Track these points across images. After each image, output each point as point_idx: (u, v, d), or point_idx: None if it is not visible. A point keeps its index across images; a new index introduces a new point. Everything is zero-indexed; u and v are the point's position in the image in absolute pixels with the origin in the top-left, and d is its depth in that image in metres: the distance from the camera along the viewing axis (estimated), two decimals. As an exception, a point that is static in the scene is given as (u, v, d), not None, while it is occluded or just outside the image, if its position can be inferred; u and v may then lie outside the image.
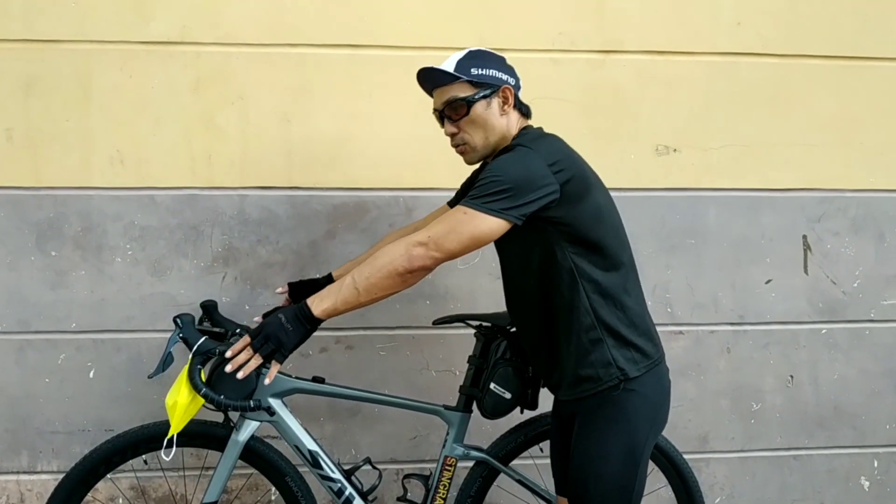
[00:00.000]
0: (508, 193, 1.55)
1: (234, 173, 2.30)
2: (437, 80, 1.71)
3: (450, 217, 1.58)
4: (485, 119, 1.69)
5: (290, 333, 1.59)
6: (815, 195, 2.49)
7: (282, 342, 1.59)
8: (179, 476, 2.34)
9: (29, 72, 2.23)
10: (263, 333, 1.60)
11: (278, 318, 1.60)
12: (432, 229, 1.58)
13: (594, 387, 1.65)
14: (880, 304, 2.54)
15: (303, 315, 1.59)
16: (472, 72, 1.69)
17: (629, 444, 1.66)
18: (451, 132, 1.73)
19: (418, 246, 1.56)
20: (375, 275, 1.57)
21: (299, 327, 1.60)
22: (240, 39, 2.27)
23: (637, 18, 2.38)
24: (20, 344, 2.28)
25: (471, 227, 1.56)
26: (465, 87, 1.69)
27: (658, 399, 1.71)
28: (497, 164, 1.61)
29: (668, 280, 2.46)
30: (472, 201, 1.57)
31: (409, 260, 1.56)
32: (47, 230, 2.26)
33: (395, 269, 1.56)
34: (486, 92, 1.69)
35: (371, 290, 1.58)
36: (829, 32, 2.44)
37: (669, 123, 2.42)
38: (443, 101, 1.71)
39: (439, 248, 1.56)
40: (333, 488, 1.98)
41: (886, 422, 2.58)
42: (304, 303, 1.60)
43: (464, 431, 2.02)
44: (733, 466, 2.54)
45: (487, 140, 1.71)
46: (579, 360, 1.66)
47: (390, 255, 1.57)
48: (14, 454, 2.31)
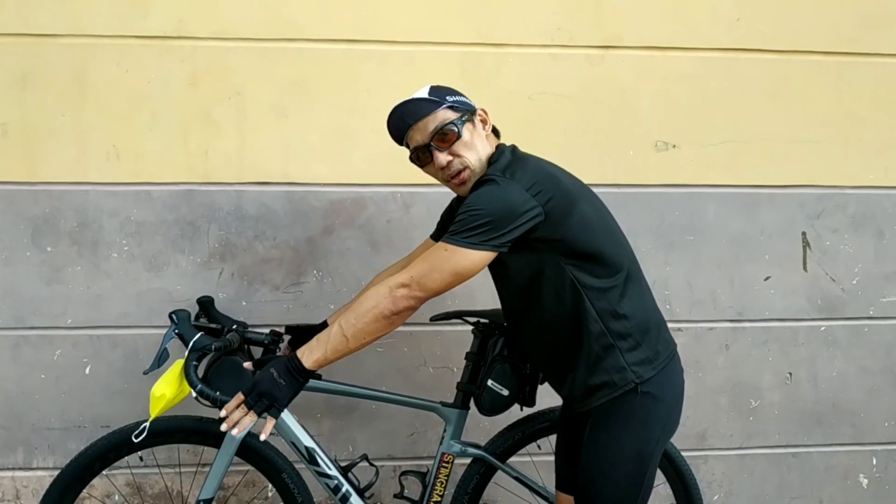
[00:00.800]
0: (489, 226, 1.55)
1: (230, 169, 2.29)
2: (419, 111, 1.68)
3: (431, 255, 1.59)
4: (473, 141, 1.68)
5: (283, 388, 1.59)
6: (814, 192, 2.48)
7: (276, 398, 1.58)
8: (175, 473, 2.33)
9: (24, 66, 2.21)
10: (257, 391, 1.58)
11: (270, 373, 1.59)
12: (414, 269, 1.59)
13: (610, 393, 1.65)
14: (879, 301, 2.54)
15: (294, 368, 1.59)
16: (448, 98, 1.68)
17: (641, 446, 1.66)
18: (446, 160, 1.67)
19: (401, 287, 1.57)
20: (361, 320, 1.58)
21: (292, 381, 1.59)
22: (237, 34, 2.26)
23: (636, 14, 2.37)
24: (16, 340, 2.27)
25: (452, 264, 1.57)
26: (448, 113, 1.67)
27: (672, 399, 1.71)
28: (475, 198, 1.59)
29: (666, 277, 2.45)
30: (453, 237, 1.57)
31: (393, 302, 1.57)
32: (43, 225, 2.25)
33: (381, 312, 1.57)
34: (468, 115, 1.69)
35: (359, 336, 1.59)
36: (829, 28, 2.43)
37: (668, 119, 2.41)
38: (430, 131, 1.66)
39: (422, 287, 1.57)
40: (330, 485, 1.97)
41: (885, 419, 2.57)
42: (295, 355, 1.60)
43: (461, 428, 2.01)
44: (731, 464, 2.54)
45: (480, 161, 1.68)
46: (591, 368, 1.65)
47: (374, 299, 1.58)
48: (9, 450, 2.30)
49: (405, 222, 2.35)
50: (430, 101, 1.67)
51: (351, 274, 2.34)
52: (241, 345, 1.95)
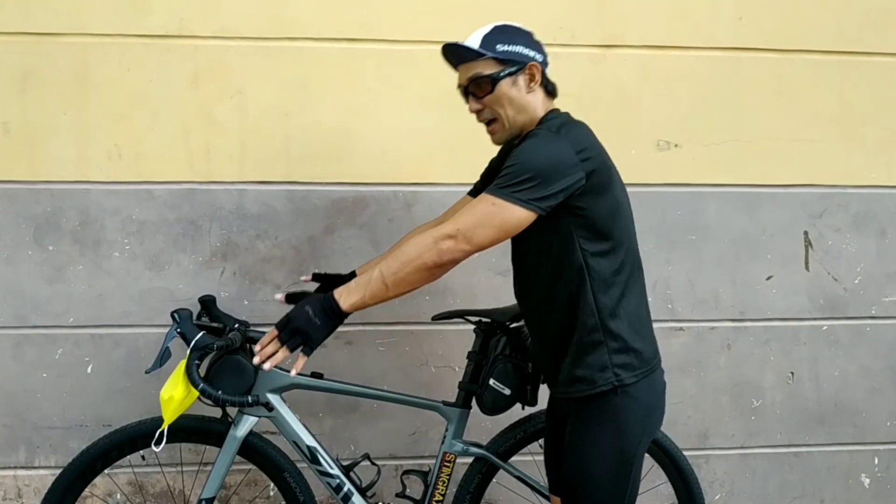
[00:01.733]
0: (536, 181, 1.51)
1: (232, 167, 2.29)
2: (461, 56, 1.66)
3: (477, 208, 1.54)
4: (511, 97, 1.64)
5: (317, 327, 1.56)
6: (816, 191, 2.48)
7: (310, 336, 1.56)
8: (177, 472, 2.34)
9: (26, 65, 2.21)
10: (291, 327, 1.57)
11: (305, 310, 1.57)
12: (460, 221, 1.54)
13: (587, 388, 1.63)
14: (881, 300, 2.53)
15: (330, 308, 1.56)
16: (498, 48, 1.63)
17: (620, 447, 1.63)
18: (476, 109, 1.68)
19: (447, 239, 1.53)
20: (404, 269, 1.54)
21: (326, 321, 1.56)
22: (238, 33, 2.26)
23: (638, 13, 2.37)
24: (17, 339, 2.27)
25: (499, 219, 1.53)
26: (490, 64, 1.63)
27: (651, 402, 1.68)
28: (523, 150, 1.56)
29: (668, 276, 2.45)
30: (500, 190, 1.53)
31: (438, 254, 1.53)
32: (45, 224, 2.25)
33: (424, 263, 1.54)
34: (512, 69, 1.64)
35: (399, 285, 1.55)
36: (831, 27, 2.43)
37: (670, 118, 2.41)
38: (467, 77, 1.66)
39: (468, 240, 1.53)
40: (332, 484, 1.97)
41: (887, 419, 2.57)
42: (332, 295, 1.57)
43: (463, 427, 2.01)
44: (733, 463, 2.53)
45: (515, 118, 1.65)
46: (577, 359, 1.63)
47: (418, 248, 1.54)
48: (11, 449, 2.30)
49: (407, 221, 2.35)
50: (471, 51, 1.63)
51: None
52: (242, 344, 1.95)
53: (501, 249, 2.34)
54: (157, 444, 1.81)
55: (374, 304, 1.58)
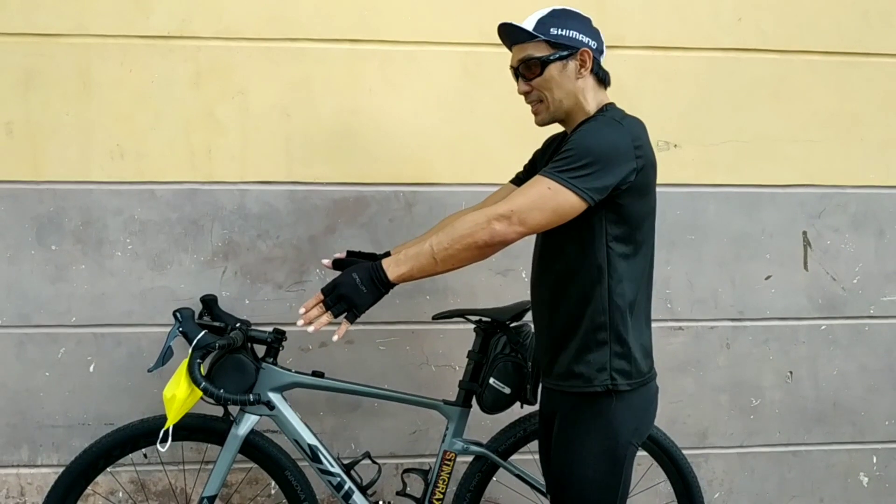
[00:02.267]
0: (594, 168, 1.51)
1: (234, 168, 2.30)
2: (514, 36, 1.67)
3: (532, 190, 1.53)
4: (559, 81, 1.64)
5: (363, 295, 1.55)
6: (815, 191, 2.49)
7: (355, 303, 1.55)
8: (179, 470, 2.35)
9: (29, 66, 2.22)
10: (337, 293, 1.55)
11: (353, 277, 1.55)
12: (514, 202, 1.52)
13: (581, 386, 1.62)
14: (880, 300, 2.54)
15: (378, 279, 1.55)
16: (552, 31, 1.63)
17: (610, 447, 1.62)
18: (524, 90, 1.68)
19: (501, 219, 1.51)
20: (454, 245, 1.53)
21: (374, 290, 1.55)
22: (240, 33, 2.27)
23: (638, 14, 2.38)
24: (20, 338, 2.28)
25: (554, 203, 1.51)
26: (541, 47, 1.63)
27: (643, 407, 1.68)
28: (583, 135, 1.56)
29: (668, 276, 2.46)
30: (558, 174, 1.52)
31: (490, 233, 1.52)
32: (47, 224, 2.27)
33: (475, 241, 1.52)
34: (563, 53, 1.63)
35: (448, 261, 1.55)
36: (830, 28, 2.44)
37: (670, 119, 2.42)
38: (518, 58, 1.67)
39: (522, 222, 1.52)
40: (333, 482, 1.98)
41: (885, 418, 2.58)
42: (380, 265, 1.56)
43: (463, 426, 2.02)
44: (732, 462, 2.54)
45: (561, 103, 1.65)
46: (578, 354, 1.63)
47: (471, 226, 1.53)
48: (14, 448, 2.31)
49: (407, 221, 2.36)
50: (524, 32, 1.64)
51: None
52: (244, 343, 1.96)
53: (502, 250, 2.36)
54: (162, 442, 1.82)
55: (421, 277, 1.58)
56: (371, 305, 1.58)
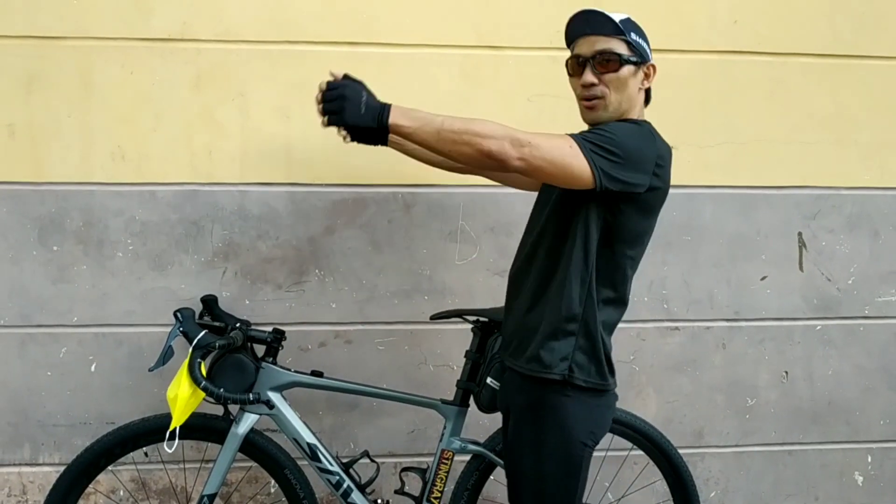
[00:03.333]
0: (617, 159, 1.53)
1: (234, 169, 2.32)
2: (599, 27, 1.64)
3: (557, 140, 1.53)
4: (627, 84, 1.65)
5: (358, 115, 1.52)
6: (810, 192, 2.50)
7: (345, 110, 1.52)
8: (180, 468, 2.36)
9: (30, 68, 2.24)
10: (340, 93, 1.52)
11: (361, 93, 1.53)
12: (536, 138, 1.51)
13: (540, 370, 1.63)
14: (875, 300, 2.56)
15: (380, 115, 1.53)
16: (632, 36, 1.65)
17: (565, 448, 1.63)
18: (591, 82, 1.64)
19: (515, 143, 1.50)
20: (463, 135, 1.51)
21: (369, 119, 1.52)
22: (240, 36, 2.28)
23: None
24: (22, 338, 2.30)
25: (567, 162, 1.51)
26: (622, 46, 1.64)
27: (598, 409, 1.68)
28: (619, 127, 1.58)
29: (664, 276, 2.48)
30: (584, 142, 1.53)
31: (499, 147, 1.50)
32: (49, 225, 2.28)
33: (482, 144, 1.50)
34: (638, 60, 1.66)
35: (447, 144, 1.53)
36: (825, 31, 2.45)
37: (666, 121, 2.38)
38: (596, 49, 1.64)
39: (531, 157, 1.50)
40: (332, 481, 2.00)
41: (880, 417, 2.60)
42: (389, 106, 1.54)
43: (461, 425, 2.04)
44: (728, 461, 2.56)
45: (621, 105, 1.66)
46: (544, 340, 1.64)
47: (488, 129, 1.51)
48: (16, 447, 2.33)
49: (406, 222, 2.38)
50: (615, 26, 1.63)
51: (352, 273, 2.37)
52: (244, 343, 1.98)
53: (499, 251, 2.39)
54: (168, 442, 1.83)
55: (414, 142, 1.57)
56: (356, 126, 1.53)
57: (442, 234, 2.39)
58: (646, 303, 2.47)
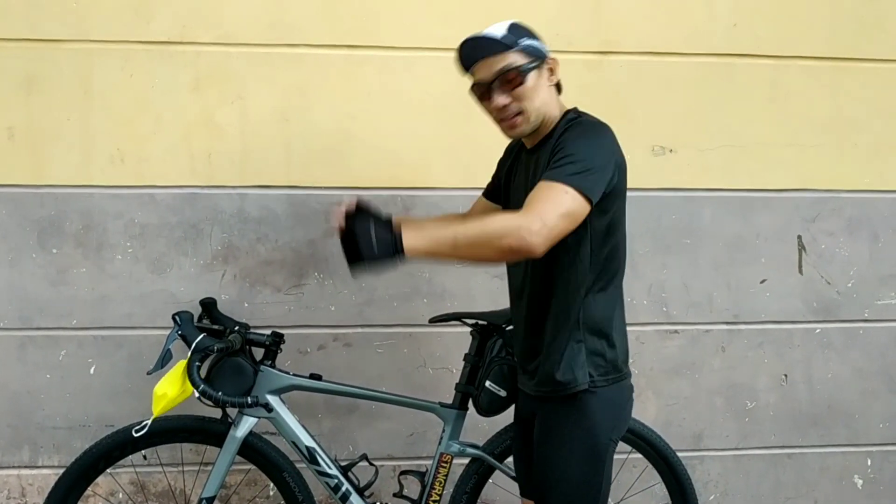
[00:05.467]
0: (594, 171, 1.52)
1: (233, 172, 2.32)
2: (486, 49, 1.64)
3: (552, 196, 1.48)
4: (537, 89, 1.64)
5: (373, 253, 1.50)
6: (809, 196, 2.50)
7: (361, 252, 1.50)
8: (178, 471, 2.36)
9: (30, 71, 2.25)
10: (350, 231, 1.53)
11: (369, 229, 1.51)
12: (540, 209, 1.47)
13: (562, 390, 1.65)
14: (874, 303, 2.56)
15: (393, 246, 1.50)
16: (522, 42, 1.64)
17: (590, 443, 1.65)
18: (503, 103, 1.63)
19: (530, 230, 1.46)
20: (479, 241, 1.49)
21: (385, 254, 1.50)
22: (239, 39, 2.29)
23: (633, 20, 2.40)
24: (22, 340, 2.30)
25: (573, 208, 1.50)
26: (517, 57, 1.62)
27: (620, 403, 1.71)
28: (578, 137, 1.56)
29: (663, 279, 2.48)
30: (568, 178, 1.50)
31: (519, 241, 1.46)
32: (48, 228, 2.29)
33: (501, 244, 1.47)
34: (537, 62, 1.64)
35: (466, 252, 1.52)
36: (824, 34, 2.46)
37: (665, 124, 2.44)
38: (494, 71, 1.62)
39: (549, 230, 1.47)
40: (330, 484, 2.00)
41: (880, 421, 2.59)
42: (399, 234, 1.50)
43: (460, 428, 2.04)
44: (727, 464, 2.56)
45: (539, 111, 1.65)
46: (556, 358, 1.65)
47: (503, 228, 1.48)
48: (15, 449, 2.33)
49: (405, 225, 2.38)
50: (501, 43, 1.62)
51: (351, 276, 2.37)
52: (242, 346, 1.98)
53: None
54: (137, 431, 1.87)
55: (432, 258, 1.55)
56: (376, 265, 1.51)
57: (441, 236, 2.39)
58: (645, 306, 2.47)
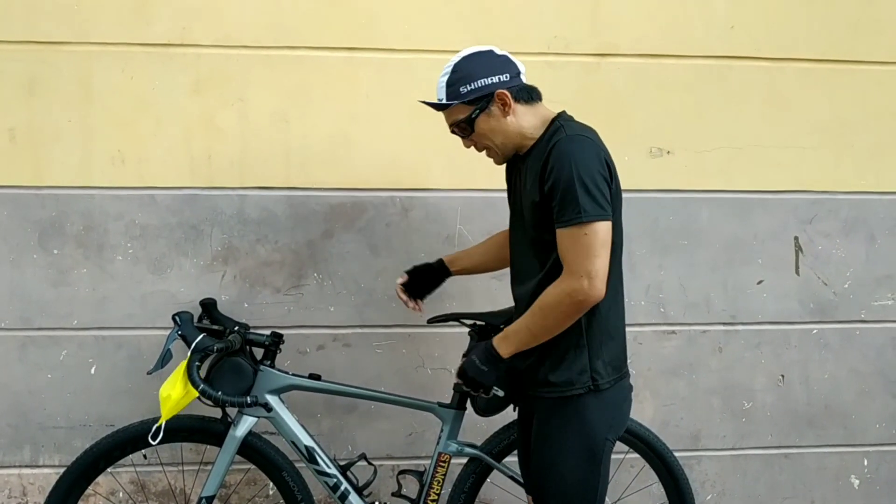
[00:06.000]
0: (596, 189, 1.60)
1: (233, 173, 2.33)
2: (438, 107, 1.77)
3: (578, 244, 1.59)
4: (491, 128, 1.73)
5: (486, 374, 1.73)
6: (806, 197, 2.51)
7: (482, 383, 1.75)
8: (178, 471, 2.38)
9: (31, 72, 2.26)
10: (468, 378, 1.76)
11: (473, 360, 1.74)
12: (582, 267, 1.58)
13: (562, 391, 1.70)
14: (871, 304, 2.57)
15: (493, 356, 1.72)
16: (462, 91, 1.70)
17: (587, 443, 1.70)
18: (468, 145, 1.81)
19: (581, 287, 1.59)
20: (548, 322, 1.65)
21: (492, 367, 1.73)
22: (239, 41, 2.30)
23: (631, 22, 2.41)
24: (23, 340, 2.32)
25: (601, 240, 1.60)
26: (461, 109, 1.73)
27: (617, 402, 1.77)
28: (567, 164, 1.61)
29: (660, 280, 2.49)
30: (581, 216, 1.58)
31: (577, 304, 1.61)
32: (49, 229, 2.30)
33: (567, 311, 1.63)
34: (483, 105, 1.71)
35: (548, 334, 1.67)
36: (821, 36, 2.47)
37: (663, 126, 2.45)
38: (449, 123, 1.79)
39: (596, 274, 1.59)
40: (329, 483, 2.01)
41: (876, 421, 2.60)
42: (492, 344, 1.73)
43: (458, 428, 2.05)
44: (724, 464, 2.57)
45: (504, 143, 1.75)
46: (556, 362, 1.70)
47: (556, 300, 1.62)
48: (16, 448, 2.34)
49: (404, 226, 2.39)
50: (441, 104, 1.75)
51: (350, 276, 2.38)
52: (242, 346, 2.00)
53: (496, 254, 2.38)
54: (153, 437, 1.88)
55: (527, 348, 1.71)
56: (497, 379, 1.75)
57: (440, 237, 2.41)
58: (642, 306, 2.48)
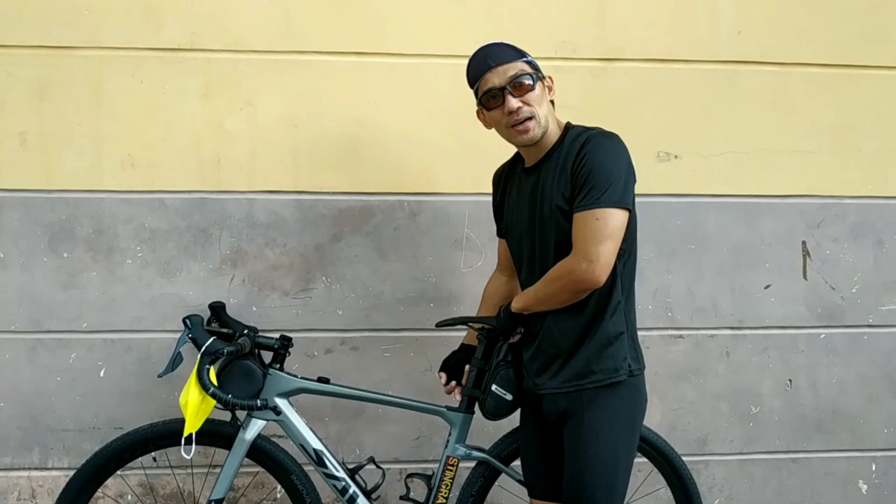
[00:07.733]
0: (623, 181, 1.67)
1: (242, 177, 2.34)
2: (501, 57, 1.77)
3: (590, 230, 1.65)
4: (543, 98, 1.78)
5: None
6: (814, 201, 2.51)
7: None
8: (187, 474, 2.38)
9: (42, 77, 2.28)
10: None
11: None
12: (587, 251, 1.64)
13: (604, 378, 1.74)
14: (878, 309, 2.56)
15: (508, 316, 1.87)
16: (529, 57, 1.80)
17: (633, 427, 1.78)
18: (517, 106, 1.74)
19: (584, 273, 1.65)
20: (550, 291, 1.74)
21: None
22: (248, 46, 2.31)
23: (638, 27, 2.42)
24: (32, 343, 2.33)
25: (613, 226, 1.65)
26: (527, 67, 1.77)
27: (644, 391, 1.84)
28: (599, 156, 1.68)
29: (668, 285, 2.49)
30: (597, 202, 1.64)
31: (576, 283, 1.68)
32: (59, 232, 2.31)
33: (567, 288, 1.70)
34: (540, 75, 1.79)
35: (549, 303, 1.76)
36: (828, 41, 2.47)
37: (670, 130, 2.45)
38: (508, 76, 1.74)
39: (601, 258, 1.65)
40: (338, 486, 2.02)
41: (884, 426, 2.60)
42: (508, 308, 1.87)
43: (466, 432, 2.05)
44: (732, 469, 2.56)
45: (546, 118, 1.78)
46: (599, 350, 1.75)
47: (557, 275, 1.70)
48: (26, 451, 2.35)
49: (412, 230, 2.40)
50: (515, 50, 1.78)
51: (358, 280, 2.39)
52: (251, 349, 2.00)
53: (504, 258, 2.39)
54: (186, 447, 1.87)
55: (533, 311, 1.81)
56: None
57: (447, 241, 2.41)
58: (650, 311, 2.48)
